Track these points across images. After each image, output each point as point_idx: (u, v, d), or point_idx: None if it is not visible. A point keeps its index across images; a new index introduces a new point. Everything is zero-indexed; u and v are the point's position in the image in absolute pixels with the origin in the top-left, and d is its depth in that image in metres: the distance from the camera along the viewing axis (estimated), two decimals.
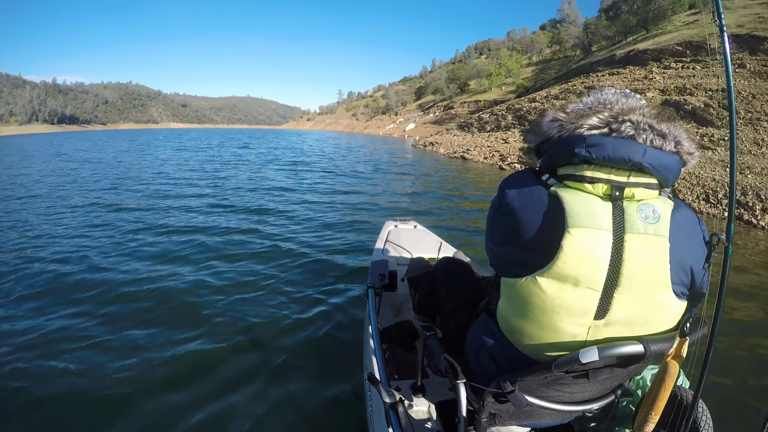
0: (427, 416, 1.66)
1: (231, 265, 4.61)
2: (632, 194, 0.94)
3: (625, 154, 0.92)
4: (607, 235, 0.90)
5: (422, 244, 3.06)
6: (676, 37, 22.72)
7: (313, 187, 10.97)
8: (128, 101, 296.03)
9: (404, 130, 55.72)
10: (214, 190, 10.18)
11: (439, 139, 29.47)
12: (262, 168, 15.99)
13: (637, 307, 0.93)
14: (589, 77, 24.77)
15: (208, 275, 4.28)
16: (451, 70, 71.37)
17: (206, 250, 5.14)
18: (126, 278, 4.16)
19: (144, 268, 4.48)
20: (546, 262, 0.93)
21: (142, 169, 15.12)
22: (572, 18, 49.71)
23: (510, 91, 45.07)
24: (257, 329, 3.22)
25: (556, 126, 1.03)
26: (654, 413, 1.06)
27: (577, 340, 0.96)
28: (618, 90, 1.13)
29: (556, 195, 0.95)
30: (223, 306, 3.58)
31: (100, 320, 3.32)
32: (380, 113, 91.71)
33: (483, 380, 1.13)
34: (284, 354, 2.88)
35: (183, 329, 3.19)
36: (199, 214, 7.27)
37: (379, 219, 6.72)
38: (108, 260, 4.72)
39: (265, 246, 5.34)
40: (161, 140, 38.45)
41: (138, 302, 3.64)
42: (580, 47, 41.83)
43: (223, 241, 5.55)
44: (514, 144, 19.94)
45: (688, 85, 16.63)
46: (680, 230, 0.95)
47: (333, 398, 2.45)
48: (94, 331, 3.15)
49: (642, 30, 30.54)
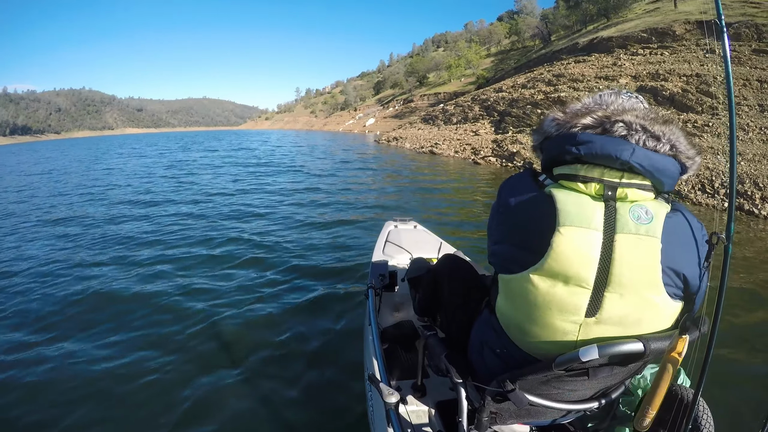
0: (427, 416, 1.61)
1: (227, 269, 4.64)
2: (625, 195, 0.95)
3: (613, 152, 0.93)
4: (597, 234, 0.91)
5: (422, 244, 3.05)
6: (640, 25, 22.48)
7: (296, 189, 10.82)
8: (82, 108, 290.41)
9: (364, 126, 55.72)
10: (188, 196, 9.93)
11: (403, 134, 28.32)
12: (224, 171, 15.58)
13: (629, 306, 0.93)
14: (553, 65, 24.25)
15: (206, 278, 4.32)
16: (410, 64, 71.27)
17: (199, 256, 5.13)
18: (129, 287, 4.19)
19: (146, 274, 4.52)
20: (538, 259, 0.94)
21: (131, 179, 14.29)
22: (529, 9, 49.97)
23: (470, 82, 44.91)
24: (257, 330, 3.24)
25: (554, 125, 1.07)
26: (651, 408, 1.03)
27: (569, 337, 0.97)
28: (618, 92, 1.15)
29: (550, 194, 0.96)
30: (222, 308, 3.60)
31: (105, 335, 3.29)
32: (339, 109, 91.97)
33: (486, 378, 1.14)
34: (285, 355, 2.90)
35: (183, 330, 3.25)
36: (186, 224, 7.08)
37: (357, 217, 7.07)
38: (112, 270, 4.73)
39: (261, 249, 5.31)
40: (130, 150, 34.81)
41: (141, 309, 3.68)
42: (539, 37, 41.78)
43: (218, 247, 5.52)
44: (485, 136, 18.92)
45: (660, 71, 16.19)
46: (674, 233, 0.94)
47: (334, 398, 2.45)
48: (103, 350, 3.08)
49: (603, 18, 30.61)
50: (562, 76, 20.07)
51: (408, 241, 3.09)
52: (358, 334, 3.01)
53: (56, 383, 2.69)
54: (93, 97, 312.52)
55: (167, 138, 61.70)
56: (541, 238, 0.94)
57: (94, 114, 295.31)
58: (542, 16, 43.37)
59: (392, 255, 2.87)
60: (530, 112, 17.83)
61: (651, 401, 1.04)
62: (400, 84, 70.97)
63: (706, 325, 1.01)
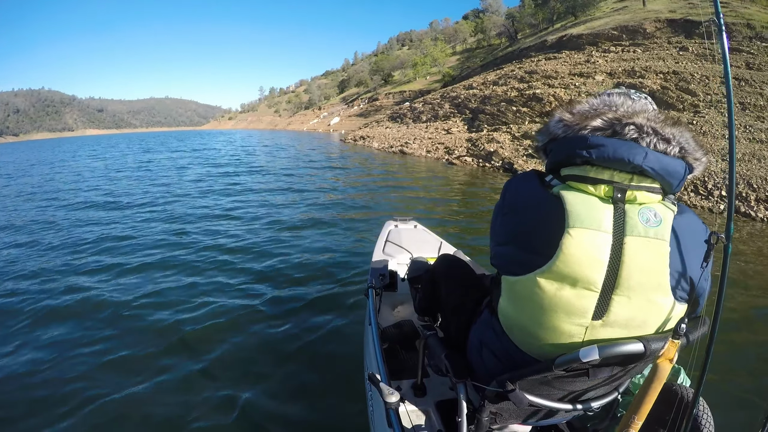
0: (427, 416, 1.60)
1: (225, 269, 4.61)
2: (634, 197, 0.94)
3: (625, 156, 0.92)
4: (606, 237, 0.90)
5: (422, 243, 3.04)
6: (610, 23, 22.37)
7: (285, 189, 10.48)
8: (41, 109, 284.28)
9: (329, 125, 55.68)
10: (168, 200, 9.40)
11: (370, 132, 27.19)
12: (192, 172, 14.85)
13: (636, 308, 0.92)
14: (523, 62, 23.85)
15: (204, 279, 4.33)
16: (375, 62, 71.65)
17: (198, 256, 5.07)
18: (118, 292, 4.08)
19: (149, 279, 4.43)
20: (545, 262, 0.92)
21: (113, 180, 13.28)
22: (495, 8, 49.87)
23: (436, 80, 44.78)
24: (257, 330, 3.25)
25: (561, 126, 1.04)
26: (637, 418, 1.01)
27: (575, 339, 0.96)
28: (626, 92, 1.12)
29: (558, 195, 0.95)
30: (222, 308, 3.60)
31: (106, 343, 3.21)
32: (303, 108, 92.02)
33: (485, 378, 1.13)
34: (285, 355, 2.92)
35: (184, 330, 3.26)
36: (179, 227, 6.81)
37: (320, 216, 7.20)
38: (93, 278, 4.55)
39: (258, 249, 5.29)
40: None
41: (138, 310, 3.64)
42: (505, 35, 41.76)
43: (211, 248, 5.42)
44: (459, 135, 18.02)
45: (636, 68, 15.83)
46: (682, 235, 0.94)
47: (334, 398, 2.47)
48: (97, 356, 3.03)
49: (570, 16, 30.50)
50: (535, 72, 19.52)
51: (408, 241, 3.07)
52: (358, 334, 2.99)
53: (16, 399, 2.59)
54: (52, 97, 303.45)
55: (129, 139, 59.72)
56: (549, 240, 0.92)
57: (54, 115, 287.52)
58: (508, 15, 43.37)
59: (392, 255, 2.87)
60: (505, 109, 17.06)
61: (638, 409, 1.00)
62: (365, 82, 71.45)
63: (706, 326, 1.01)
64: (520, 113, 16.13)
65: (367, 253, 4.81)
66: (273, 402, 2.45)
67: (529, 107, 16.12)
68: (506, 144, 14.04)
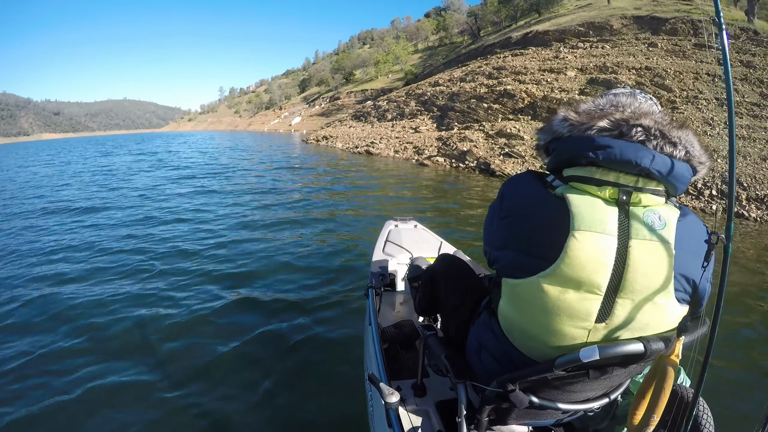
0: (427, 416, 1.57)
1: (225, 270, 4.50)
2: (639, 200, 0.93)
3: (633, 158, 0.91)
4: (612, 240, 0.89)
5: (423, 243, 3.02)
6: (576, 19, 22.21)
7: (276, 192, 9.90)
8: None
9: (290, 125, 55.45)
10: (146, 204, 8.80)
11: (333, 132, 25.98)
12: (159, 175, 13.90)
13: (639, 311, 0.92)
14: (488, 59, 23.36)
15: (203, 279, 4.26)
16: (336, 61, 72.19)
17: (193, 256, 4.97)
18: (112, 295, 3.95)
19: (153, 280, 4.33)
20: (548, 265, 0.91)
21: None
22: (457, 5, 49.78)
23: (398, 78, 44.70)
24: (257, 331, 3.20)
25: (566, 126, 1.02)
26: (656, 415, 0.99)
27: (577, 342, 0.95)
28: (634, 93, 1.10)
29: (562, 197, 0.93)
30: (221, 308, 3.57)
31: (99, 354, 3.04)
32: (264, 109, 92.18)
33: (484, 379, 1.12)
34: (285, 355, 2.90)
35: (183, 330, 3.24)
36: (175, 229, 6.56)
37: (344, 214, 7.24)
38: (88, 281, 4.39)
39: (257, 249, 5.23)
40: None
41: (140, 311, 3.58)
42: (468, 33, 41.62)
43: (210, 247, 5.35)
44: (428, 133, 17.07)
45: (608, 63, 15.36)
46: (685, 238, 0.93)
47: (334, 399, 2.45)
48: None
49: (534, 14, 30.44)
50: (503, 68, 18.94)
51: (408, 241, 3.02)
52: (358, 334, 2.97)
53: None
54: (7, 100, 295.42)
55: (87, 143, 57.65)
56: (552, 242, 0.90)
57: (8, 119, 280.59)
58: (470, 13, 43.27)
59: (392, 254, 2.84)
60: (475, 106, 16.26)
61: (655, 407, 0.97)
62: (326, 81, 71.37)
63: (706, 326, 1.02)
64: (492, 110, 15.36)
65: (359, 253, 4.94)
66: (273, 402, 2.44)
67: (500, 104, 15.38)
68: (480, 143, 13.18)
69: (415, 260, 2.33)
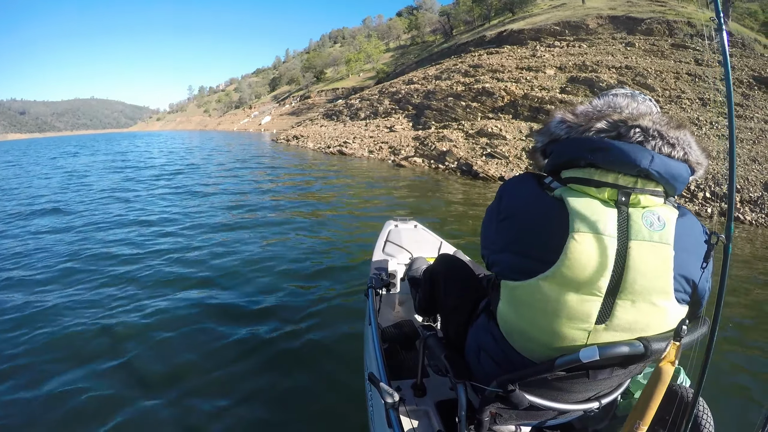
0: (427, 416, 1.56)
1: (225, 270, 4.40)
2: (638, 200, 0.93)
3: (632, 159, 0.90)
4: (611, 241, 0.88)
5: (423, 243, 2.99)
6: (551, 18, 22.05)
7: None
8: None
9: (260, 124, 54.90)
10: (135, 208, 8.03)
11: (304, 131, 24.98)
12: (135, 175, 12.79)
13: (639, 312, 0.92)
14: (462, 57, 22.94)
15: (202, 279, 4.16)
16: (307, 59, 72.78)
17: (193, 260, 4.74)
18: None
19: (157, 282, 4.13)
20: (548, 267, 0.91)
21: None
22: (429, 5, 49.59)
23: (369, 77, 44.48)
24: (257, 331, 3.16)
25: (564, 127, 1.01)
26: (642, 423, 0.99)
27: (577, 344, 0.94)
28: (631, 93, 1.09)
29: (561, 198, 0.93)
30: (221, 308, 3.53)
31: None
32: (233, 108, 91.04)
33: (484, 380, 1.11)
34: (285, 355, 2.87)
35: (182, 330, 3.15)
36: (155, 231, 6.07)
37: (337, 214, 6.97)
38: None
39: (256, 248, 5.10)
40: None
41: (146, 311, 3.47)
42: (441, 32, 41.46)
43: (211, 248, 5.15)
44: (404, 133, 16.32)
45: (587, 62, 15.05)
46: (684, 238, 0.93)
47: (334, 398, 2.44)
48: None
49: (507, 13, 30.29)
50: (480, 66, 18.46)
51: (408, 241, 2.98)
52: (358, 334, 2.93)
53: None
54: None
55: (53, 144, 53.38)
56: (552, 244, 0.90)
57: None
58: (442, 12, 43.18)
59: (392, 254, 2.82)
60: (453, 104, 15.64)
61: (643, 414, 0.98)
62: (297, 80, 71.12)
63: (706, 326, 1.01)
64: (471, 108, 14.75)
65: (349, 253, 4.87)
66: (272, 402, 2.40)
67: (479, 102, 14.80)
68: (460, 142, 12.52)
69: (415, 260, 2.35)
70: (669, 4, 19.22)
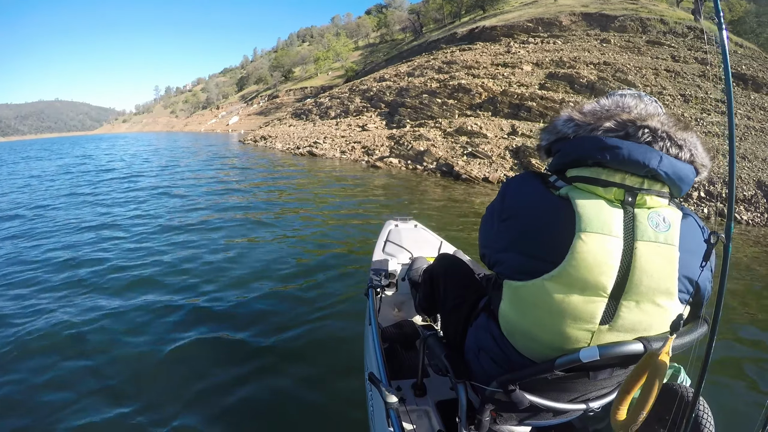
0: (427, 416, 1.55)
1: (225, 270, 4.41)
2: (644, 201, 0.92)
3: (641, 159, 0.89)
4: (617, 242, 0.87)
5: (423, 243, 2.97)
6: (524, 15, 21.74)
7: None
8: None
9: (227, 125, 53.97)
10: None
11: (272, 132, 23.88)
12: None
13: (643, 313, 0.91)
14: (434, 54, 22.40)
15: (202, 279, 4.15)
16: (275, 58, 71.04)
17: (189, 259, 4.73)
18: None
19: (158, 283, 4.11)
20: (553, 267, 0.89)
21: None
22: (398, 2, 49.00)
23: (338, 75, 44.02)
24: (257, 331, 3.16)
25: (571, 126, 1.00)
26: (644, 411, 0.95)
27: (580, 344, 0.93)
28: (640, 95, 1.06)
29: (567, 197, 0.92)
30: (221, 308, 3.53)
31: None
32: (201, 108, 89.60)
33: (484, 380, 1.11)
34: (285, 355, 2.86)
35: (181, 330, 3.16)
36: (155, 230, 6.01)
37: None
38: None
39: (256, 248, 5.13)
40: None
41: (150, 312, 3.49)
42: (410, 30, 41.00)
43: (211, 250, 5.11)
44: (377, 132, 15.51)
45: (564, 58, 14.65)
46: (688, 239, 0.92)
47: (334, 398, 2.43)
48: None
49: (478, 10, 30.04)
50: (454, 63, 17.92)
51: (408, 240, 2.96)
52: (358, 334, 2.86)
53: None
54: None
55: (17, 147, 51.28)
56: (558, 244, 0.88)
57: None
58: (411, 10, 42.84)
59: (393, 254, 2.79)
60: (428, 101, 14.96)
61: (644, 404, 0.94)
62: (265, 79, 70.26)
63: (706, 326, 1.02)
64: (447, 105, 14.10)
65: (338, 254, 4.83)
66: (272, 402, 2.40)
67: (456, 99, 14.18)
68: (438, 141, 11.83)
69: (415, 260, 2.35)
70: (641, 1, 19.16)
